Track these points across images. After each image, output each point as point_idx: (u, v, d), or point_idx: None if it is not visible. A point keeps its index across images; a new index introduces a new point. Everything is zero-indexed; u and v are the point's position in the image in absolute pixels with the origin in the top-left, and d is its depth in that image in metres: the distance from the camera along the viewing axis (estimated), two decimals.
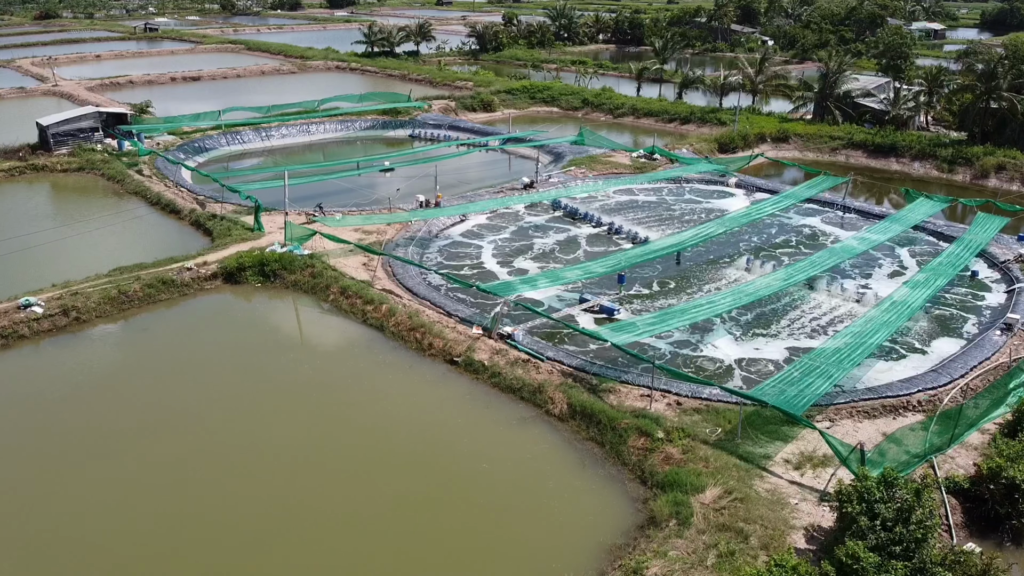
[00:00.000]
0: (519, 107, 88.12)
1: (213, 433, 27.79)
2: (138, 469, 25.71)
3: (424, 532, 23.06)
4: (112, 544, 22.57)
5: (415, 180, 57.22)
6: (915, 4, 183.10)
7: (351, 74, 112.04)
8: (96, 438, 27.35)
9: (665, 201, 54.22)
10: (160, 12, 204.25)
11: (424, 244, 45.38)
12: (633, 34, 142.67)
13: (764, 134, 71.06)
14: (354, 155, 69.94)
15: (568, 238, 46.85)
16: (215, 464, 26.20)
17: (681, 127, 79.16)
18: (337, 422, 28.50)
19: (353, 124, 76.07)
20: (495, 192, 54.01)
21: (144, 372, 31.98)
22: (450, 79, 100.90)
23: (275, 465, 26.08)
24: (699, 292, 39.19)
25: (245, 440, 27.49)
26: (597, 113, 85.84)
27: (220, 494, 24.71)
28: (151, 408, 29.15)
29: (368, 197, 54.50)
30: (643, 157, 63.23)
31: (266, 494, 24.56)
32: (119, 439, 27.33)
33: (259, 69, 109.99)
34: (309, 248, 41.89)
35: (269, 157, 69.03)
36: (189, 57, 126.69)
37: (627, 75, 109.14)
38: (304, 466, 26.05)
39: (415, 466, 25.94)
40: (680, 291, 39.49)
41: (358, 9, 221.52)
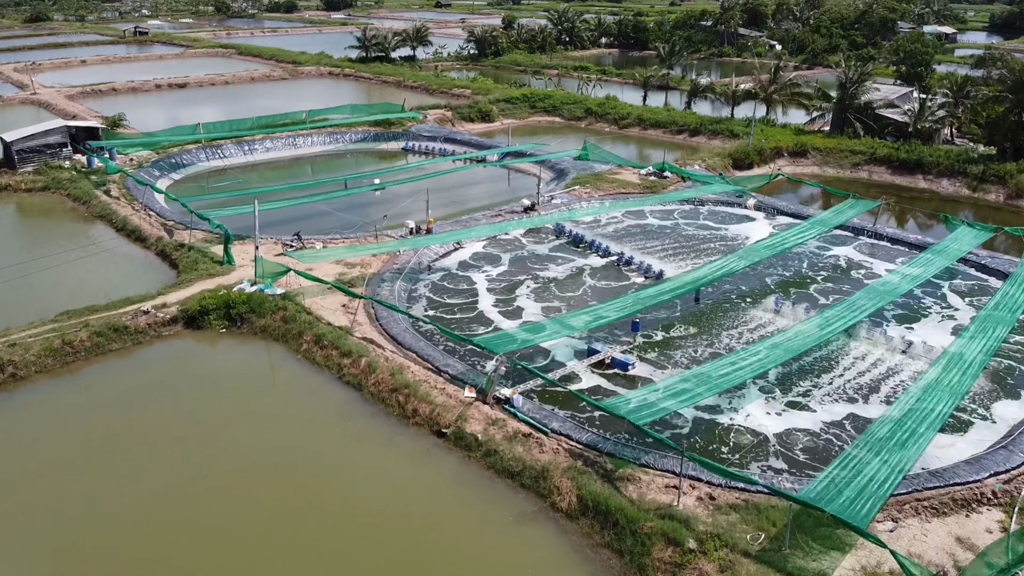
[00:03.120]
0: (519, 117, 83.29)
1: (133, 528, 22.95)
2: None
3: None
4: None
5: (406, 200, 52.49)
6: (924, 6, 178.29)
7: (344, 80, 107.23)
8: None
9: (679, 226, 49.36)
10: (154, 15, 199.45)
11: (413, 278, 40.55)
12: (636, 38, 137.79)
13: (781, 148, 66.23)
14: (343, 170, 65.23)
15: (573, 270, 42.02)
16: None
17: (690, 139, 74.32)
18: (295, 515, 23.63)
19: (343, 136, 71.23)
20: (492, 216, 49.16)
21: (75, 445, 27.13)
22: (447, 86, 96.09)
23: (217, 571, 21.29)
24: (723, 339, 34.36)
25: (177, 535, 22.65)
26: (601, 123, 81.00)
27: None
28: (74, 498, 24.31)
29: (354, 220, 49.71)
30: (652, 174, 58.39)
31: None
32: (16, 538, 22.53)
33: (248, 75, 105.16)
34: (283, 286, 37.11)
35: (253, 171, 64.23)
36: (178, 62, 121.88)
37: (631, 81, 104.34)
38: (254, 571, 21.27)
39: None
40: (701, 337, 34.65)
41: (355, 11, 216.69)
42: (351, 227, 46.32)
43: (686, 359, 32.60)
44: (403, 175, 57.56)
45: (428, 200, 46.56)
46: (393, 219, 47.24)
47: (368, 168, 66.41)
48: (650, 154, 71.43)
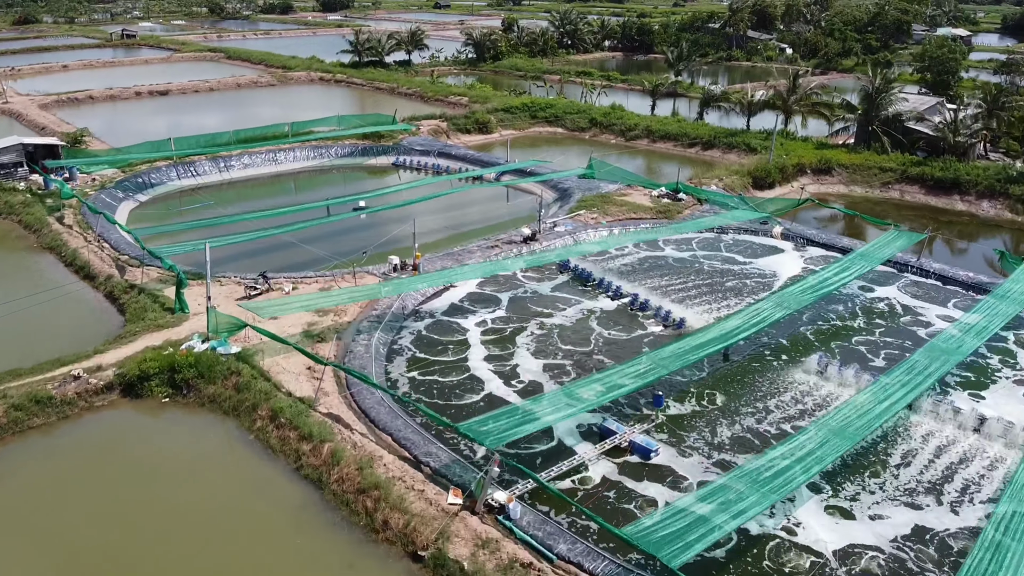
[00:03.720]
0: (519, 127, 77.64)
1: None
2: None
3: None
4: None
5: (392, 226, 46.97)
6: (935, 8, 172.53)
7: (335, 87, 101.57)
8: None
9: (698, 259, 43.69)
10: (145, 17, 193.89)
11: (395, 327, 34.94)
12: (641, 41, 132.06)
13: (803, 164, 60.55)
14: (328, 187, 60.02)
15: (579, 316, 36.38)
16: None
17: (703, 153, 68.65)
18: None
19: (328, 151, 65.58)
20: (488, 247, 43.50)
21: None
22: (443, 93, 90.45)
23: None
24: (760, 411, 28.73)
25: None
26: (607, 135, 75.33)
27: None
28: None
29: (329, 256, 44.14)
30: (666, 196, 52.74)
31: None
32: None
33: (235, 81, 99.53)
34: (241, 340, 31.53)
35: (230, 189, 58.73)
36: (163, 67, 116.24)
37: (637, 88, 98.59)
38: None
39: None
40: (733, 407, 29.02)
41: (352, 13, 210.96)
42: (328, 261, 40.75)
43: (718, 439, 26.97)
44: (391, 198, 51.81)
45: (415, 233, 40.77)
46: (378, 248, 41.71)
47: (354, 185, 60.97)
48: (660, 168, 65.84)
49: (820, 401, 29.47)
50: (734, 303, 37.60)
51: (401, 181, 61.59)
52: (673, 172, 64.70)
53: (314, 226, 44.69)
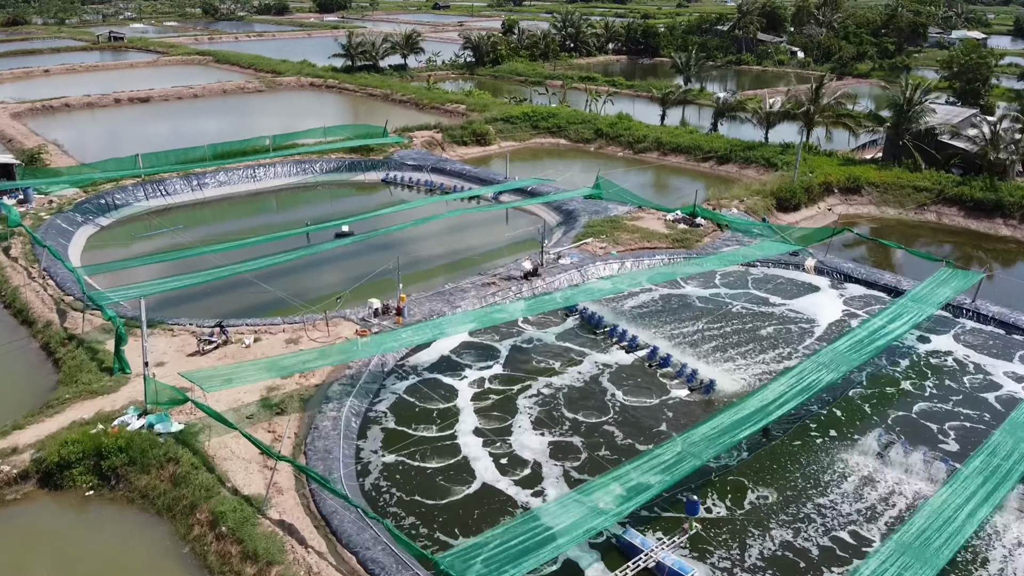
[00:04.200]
0: (519, 138, 72.30)
1: None
2: None
3: None
4: None
5: (379, 255, 41.82)
6: (947, 10, 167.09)
7: (327, 93, 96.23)
8: None
9: (722, 297, 38.34)
10: (138, 18, 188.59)
11: (372, 389, 29.64)
12: (647, 44, 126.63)
13: (830, 183, 55.17)
14: (311, 205, 54.81)
15: (589, 375, 31.05)
16: None
17: (718, 168, 63.27)
18: None
19: (313, 166, 60.23)
20: (484, 284, 38.15)
21: None
22: (439, 101, 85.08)
23: None
24: (814, 514, 23.39)
25: None
26: (613, 147, 69.98)
27: None
28: None
29: (311, 282, 38.96)
30: (682, 220, 47.38)
31: None
32: None
33: (220, 87, 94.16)
34: (186, 412, 26.24)
35: (205, 208, 53.54)
36: (149, 72, 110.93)
37: (645, 95, 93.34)
38: None
39: None
40: (779, 506, 23.68)
41: (349, 14, 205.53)
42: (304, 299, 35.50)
43: (758, 557, 21.63)
44: (378, 222, 46.45)
45: (399, 272, 35.36)
46: (361, 280, 36.46)
47: (340, 203, 55.89)
48: (672, 184, 60.53)
49: (885, 495, 24.14)
50: (769, 358, 32.27)
51: (393, 197, 56.45)
52: (686, 188, 59.52)
53: (288, 261, 39.20)
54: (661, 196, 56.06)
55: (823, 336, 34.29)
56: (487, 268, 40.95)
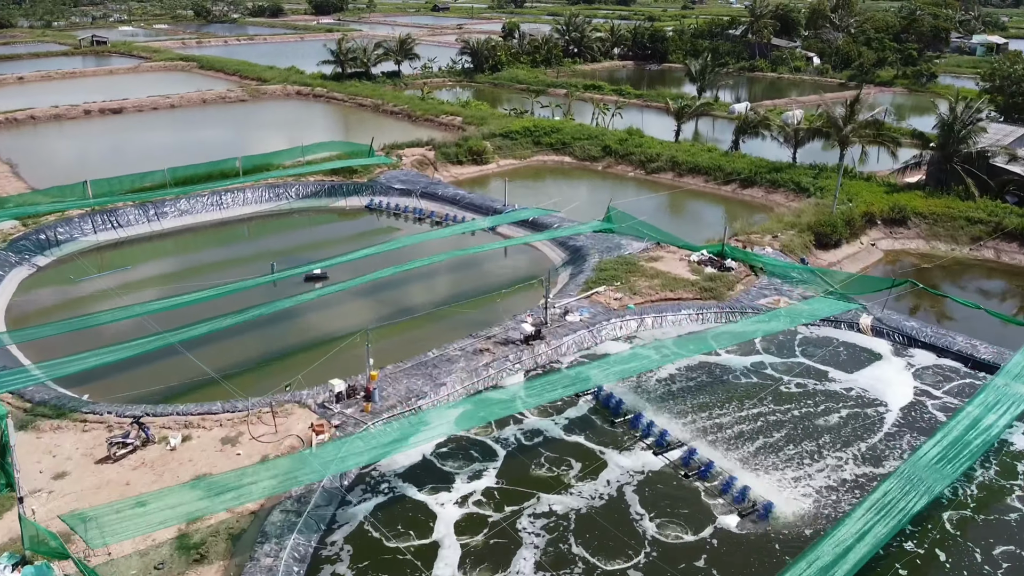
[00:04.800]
0: (520, 156, 65.36)
1: None
2: None
3: None
4: None
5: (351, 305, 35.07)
6: (964, 13, 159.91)
7: (314, 103, 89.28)
8: None
9: (766, 367, 31.37)
10: (127, 21, 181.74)
11: (324, 516, 22.70)
12: (654, 49, 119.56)
13: (872, 213, 48.17)
14: (282, 237, 48.10)
15: (608, 491, 24.08)
16: None
17: (742, 192, 56.28)
18: None
19: (288, 190, 53.29)
20: (476, 351, 31.20)
21: None
22: (433, 112, 78.12)
23: None
24: None
25: None
26: (623, 166, 63.03)
27: None
28: None
29: (265, 350, 32.09)
30: (707, 261, 40.41)
31: None
32: None
33: (200, 97, 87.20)
34: (79, 552, 19.34)
35: (162, 242, 46.77)
36: (128, 79, 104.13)
37: (655, 105, 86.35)
38: None
39: None
40: None
41: (345, 16, 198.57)
42: (254, 367, 28.62)
43: None
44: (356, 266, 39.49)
45: (368, 346, 28.35)
46: (329, 338, 29.44)
47: (317, 232, 49.21)
48: (690, 209, 53.62)
49: None
50: (834, 462, 25.31)
51: (379, 223, 49.58)
52: (707, 215, 52.95)
53: (237, 324, 32.22)
54: (679, 226, 49.09)
55: (898, 426, 27.36)
56: (480, 324, 34.01)
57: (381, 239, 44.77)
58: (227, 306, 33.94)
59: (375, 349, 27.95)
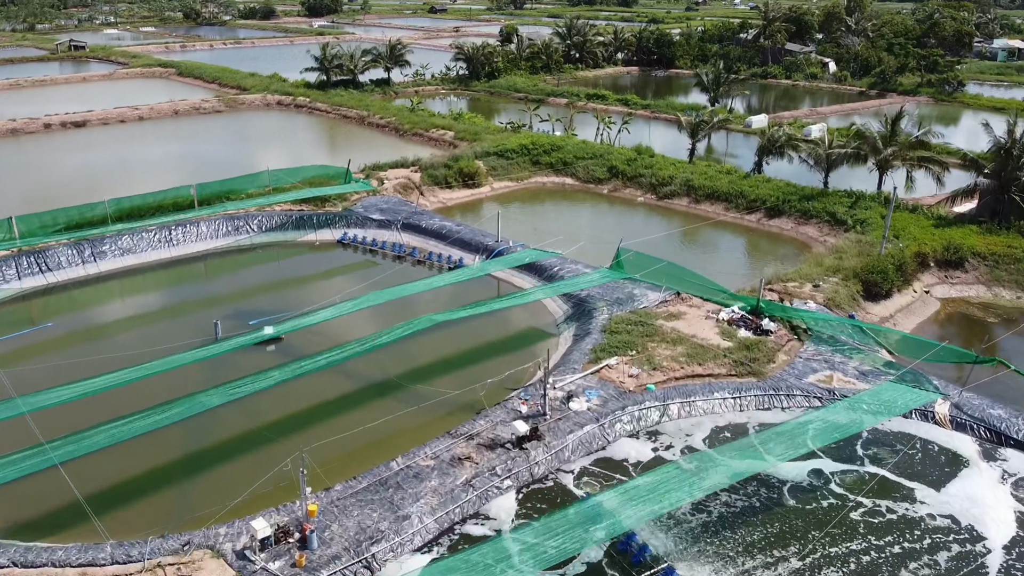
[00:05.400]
0: (516, 176, 58.33)
1: None
2: None
3: None
4: None
5: (296, 381, 28.18)
6: (981, 16, 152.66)
7: (295, 114, 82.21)
8: None
9: (825, 478, 24.28)
10: (113, 23, 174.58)
11: None
12: (660, 54, 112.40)
13: (924, 254, 41.09)
14: (239, 279, 41.24)
15: None
16: None
17: (768, 223, 49.20)
18: None
19: (250, 223, 46.21)
20: (453, 460, 24.14)
21: None
22: (423, 126, 71.08)
23: None
24: None
25: None
26: (632, 189, 56.00)
27: None
28: None
29: (184, 454, 25.16)
30: (740, 320, 33.38)
31: None
32: None
33: (172, 108, 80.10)
34: None
35: (98, 287, 39.83)
36: (101, 87, 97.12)
37: (663, 116, 79.32)
38: None
39: None
40: None
41: (339, 18, 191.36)
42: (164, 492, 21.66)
43: None
44: (320, 326, 32.45)
45: (304, 470, 21.22)
46: (265, 446, 22.42)
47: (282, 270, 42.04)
48: (710, 243, 46.49)
49: None
50: None
51: (350, 261, 42.54)
52: (730, 250, 46.18)
53: (152, 428, 25.12)
54: (700, 264, 42.01)
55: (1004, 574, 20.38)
56: (461, 408, 27.05)
57: (351, 284, 37.71)
58: (148, 392, 27.03)
59: (320, 454, 20.97)
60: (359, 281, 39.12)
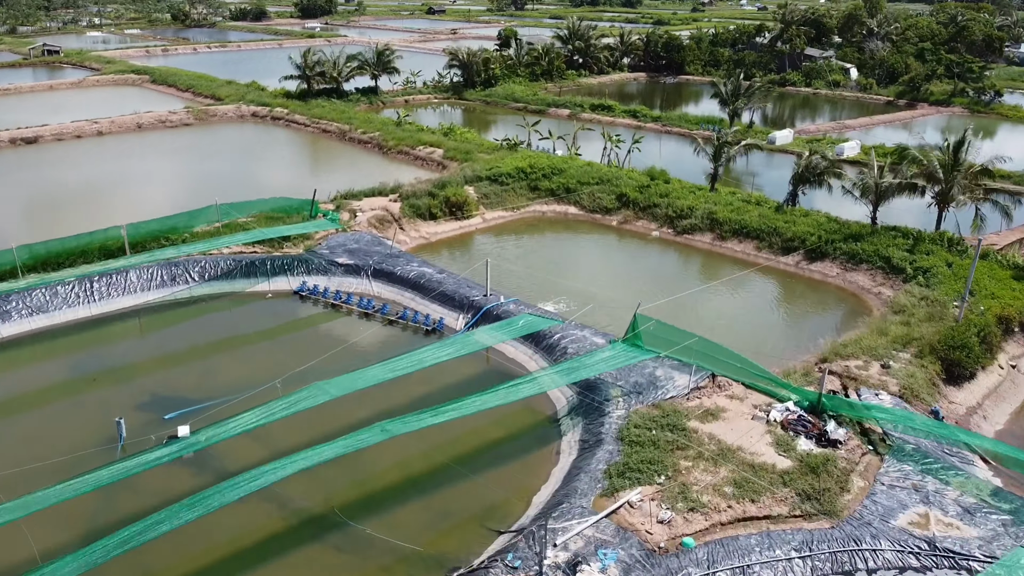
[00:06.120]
0: (511, 205, 50.45)
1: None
2: None
3: None
4: None
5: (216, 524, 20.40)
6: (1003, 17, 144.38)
7: (271, 127, 74.26)
8: None
9: None
10: (97, 26, 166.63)
11: None
12: (669, 59, 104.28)
13: (1008, 318, 33.07)
14: (168, 341, 33.46)
15: None
16: None
17: (809, 267, 41.18)
18: None
19: (191, 271, 38.23)
20: None
21: None
22: (409, 143, 63.20)
23: None
24: None
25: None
26: (644, 220, 48.07)
27: None
28: None
29: None
30: (795, 421, 25.40)
31: None
32: None
33: (135, 121, 72.11)
34: None
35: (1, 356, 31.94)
36: (68, 96, 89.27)
37: (674, 129, 71.39)
38: None
39: None
40: None
41: (333, 19, 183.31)
42: None
43: None
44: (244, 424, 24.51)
45: None
46: None
47: (224, 328, 34.16)
48: (741, 292, 38.39)
49: None
50: None
51: (305, 317, 34.56)
52: (769, 307, 37.76)
53: None
54: (731, 319, 34.21)
55: None
56: (423, 567, 19.27)
57: (301, 355, 29.75)
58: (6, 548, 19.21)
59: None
60: (312, 349, 31.24)
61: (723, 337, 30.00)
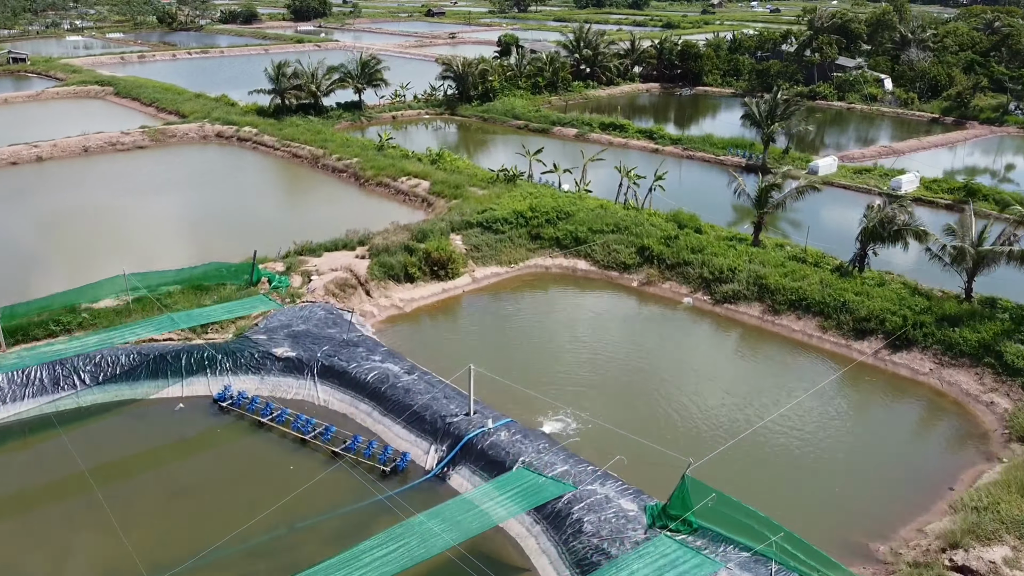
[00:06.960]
0: (508, 259, 40.64)
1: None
2: None
3: None
4: None
5: None
6: None
7: (238, 149, 64.43)
8: None
9: None
10: (79, 29, 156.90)
11: None
12: (685, 68, 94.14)
13: None
14: (46, 471, 23.72)
15: None
16: None
17: (891, 358, 31.22)
18: None
19: (81, 370, 28.43)
20: None
21: None
22: (391, 172, 53.43)
23: None
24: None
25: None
26: (672, 282, 38.15)
27: None
28: None
29: None
30: None
31: None
32: None
33: (82, 144, 62.27)
34: None
35: None
36: (22, 111, 79.59)
37: (696, 153, 61.52)
38: None
39: None
40: None
41: (328, 22, 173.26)
42: None
43: None
44: None
45: None
46: None
47: (118, 450, 24.21)
48: (808, 407, 28.25)
49: None
50: None
51: (223, 444, 24.75)
52: (839, 402, 27.71)
53: None
54: (806, 460, 24.42)
55: None
56: None
57: (181, 530, 20.03)
58: None
59: None
60: (204, 521, 21.45)
61: (784, 471, 20.10)
